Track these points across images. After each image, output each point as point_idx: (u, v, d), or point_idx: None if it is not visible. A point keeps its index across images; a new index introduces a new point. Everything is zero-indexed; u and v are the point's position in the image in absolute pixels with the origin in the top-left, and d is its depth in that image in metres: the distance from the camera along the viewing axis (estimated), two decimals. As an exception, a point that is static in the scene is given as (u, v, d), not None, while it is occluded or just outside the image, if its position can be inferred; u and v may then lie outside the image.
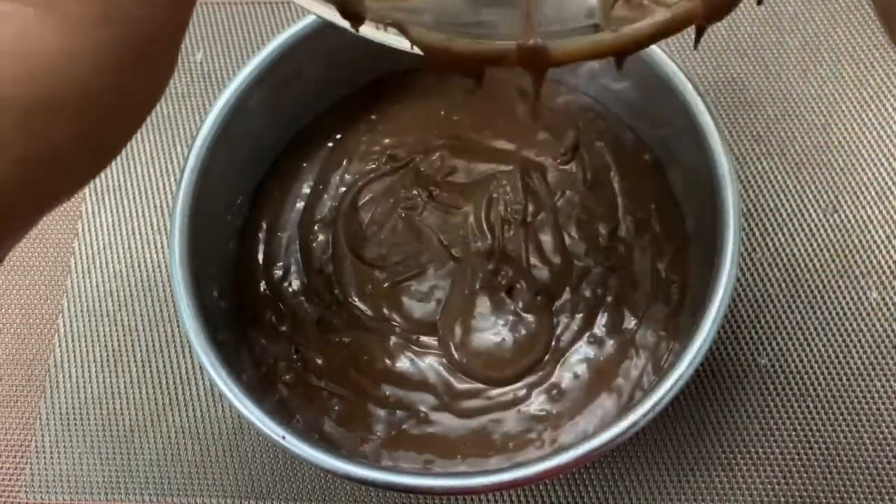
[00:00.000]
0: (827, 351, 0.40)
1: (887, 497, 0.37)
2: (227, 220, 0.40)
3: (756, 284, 0.41)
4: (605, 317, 0.38)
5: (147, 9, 0.18)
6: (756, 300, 0.41)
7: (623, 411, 0.32)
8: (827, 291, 0.41)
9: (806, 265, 0.41)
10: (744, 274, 0.41)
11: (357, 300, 0.39)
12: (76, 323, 0.44)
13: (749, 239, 0.42)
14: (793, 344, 0.40)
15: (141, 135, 0.48)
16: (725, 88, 0.45)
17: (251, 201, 0.42)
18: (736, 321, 0.41)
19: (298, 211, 0.42)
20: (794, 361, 0.40)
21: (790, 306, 0.41)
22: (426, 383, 0.37)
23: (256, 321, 0.39)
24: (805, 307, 0.41)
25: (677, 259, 0.38)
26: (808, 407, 0.39)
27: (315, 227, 0.41)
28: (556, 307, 0.38)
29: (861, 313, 0.40)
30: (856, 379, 0.39)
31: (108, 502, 0.40)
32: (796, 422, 0.39)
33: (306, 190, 0.42)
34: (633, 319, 0.38)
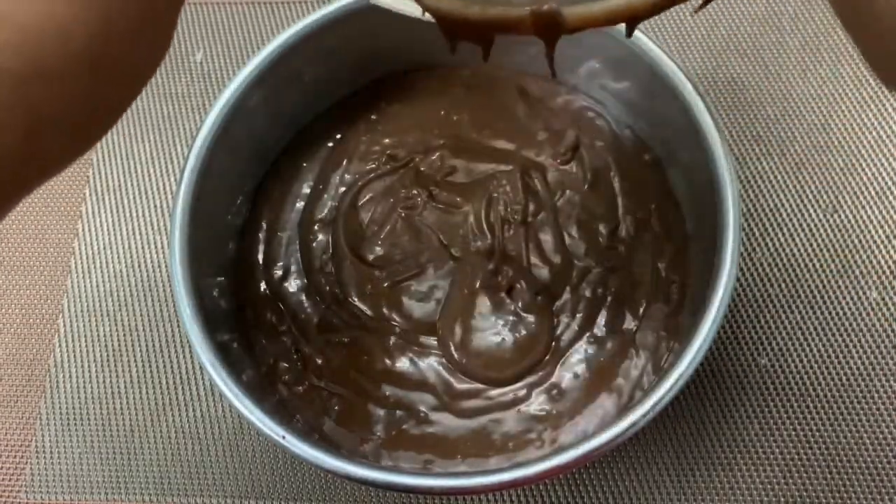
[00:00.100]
0: (827, 351, 0.40)
1: (887, 497, 0.37)
2: (227, 220, 0.40)
3: (756, 284, 0.41)
4: (605, 317, 0.38)
5: None
6: (756, 300, 0.41)
7: (623, 411, 0.32)
8: (827, 291, 0.41)
9: (806, 265, 0.41)
10: (744, 274, 0.41)
11: (357, 300, 0.39)
12: (76, 323, 0.44)
13: (749, 239, 0.42)
14: (793, 344, 0.40)
15: (141, 135, 0.48)
16: (725, 88, 0.45)
17: (251, 201, 0.42)
18: (736, 321, 0.41)
19: (298, 211, 0.42)
20: (794, 361, 0.40)
21: (790, 306, 0.41)
22: (426, 383, 0.37)
23: (256, 321, 0.39)
24: (805, 307, 0.41)
25: (677, 259, 0.38)
26: (808, 407, 0.39)
27: (315, 227, 0.41)
28: (557, 307, 0.38)
29: (861, 313, 0.40)
30: (856, 379, 0.39)
31: (108, 502, 0.40)
32: (796, 422, 0.39)
33: (306, 190, 0.42)
34: (633, 319, 0.38)
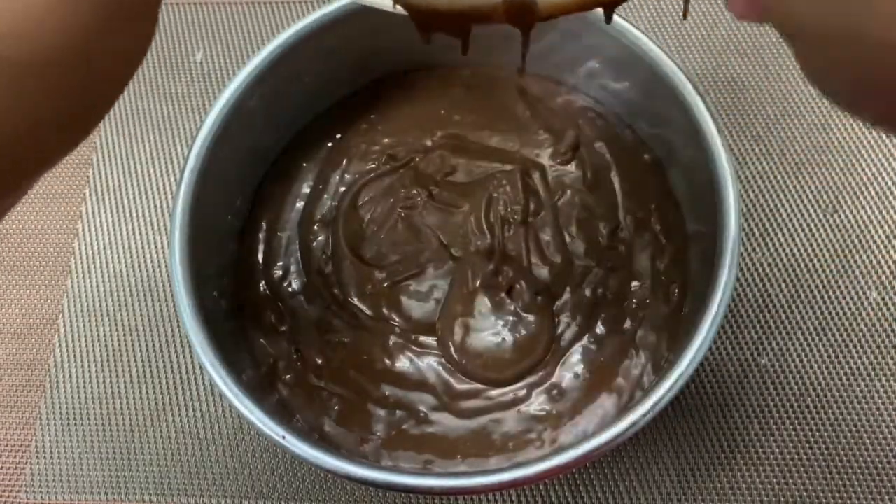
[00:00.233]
0: (827, 351, 0.40)
1: (887, 497, 0.37)
2: (227, 220, 0.40)
3: (756, 284, 0.41)
4: (605, 317, 0.38)
5: None
6: (756, 300, 0.41)
7: (623, 411, 0.32)
8: (827, 291, 0.41)
9: (806, 265, 0.41)
10: (744, 274, 0.41)
11: (357, 300, 0.39)
12: (76, 323, 0.44)
13: (749, 239, 0.42)
14: (793, 344, 0.40)
15: (141, 135, 0.48)
16: (725, 88, 0.45)
17: (251, 201, 0.42)
18: (736, 321, 0.41)
19: (298, 211, 0.42)
20: (794, 361, 0.40)
21: (790, 306, 0.41)
22: (426, 383, 0.37)
23: (256, 321, 0.39)
24: (805, 307, 0.41)
25: (677, 259, 0.38)
26: (808, 407, 0.39)
27: (315, 227, 0.41)
28: (557, 307, 0.38)
29: (861, 313, 0.40)
30: (856, 379, 0.39)
31: (108, 502, 0.40)
32: (796, 422, 0.39)
33: (306, 190, 0.42)
34: (634, 319, 0.38)
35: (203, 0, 0.50)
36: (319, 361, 0.38)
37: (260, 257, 0.41)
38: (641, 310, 0.38)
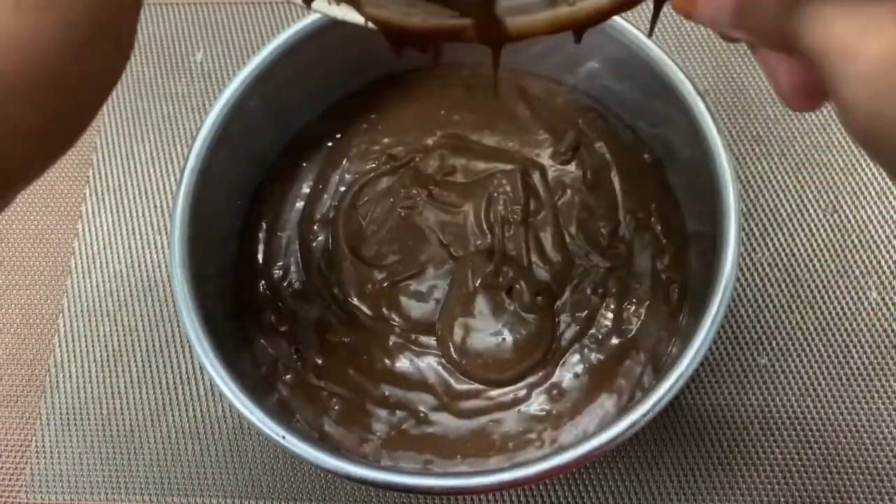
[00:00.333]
0: (827, 351, 0.40)
1: (887, 497, 0.37)
2: (227, 220, 0.40)
3: (756, 284, 0.41)
4: (606, 316, 0.38)
5: None
6: (756, 300, 0.41)
7: (623, 411, 0.32)
8: (827, 291, 0.41)
9: (806, 265, 0.41)
10: (744, 274, 0.41)
11: (356, 300, 0.39)
12: (76, 323, 0.44)
13: (749, 239, 0.42)
14: (793, 344, 0.40)
15: (141, 135, 0.48)
16: (725, 88, 0.45)
17: (251, 201, 0.42)
18: (736, 321, 0.41)
19: (298, 211, 0.42)
20: (794, 361, 0.40)
21: (790, 306, 0.41)
22: (426, 383, 0.37)
23: (256, 321, 0.39)
24: (805, 307, 0.41)
25: (677, 259, 0.38)
26: (808, 407, 0.39)
27: (315, 227, 0.41)
28: (557, 307, 0.38)
29: (861, 313, 0.40)
30: (856, 379, 0.39)
31: (108, 502, 0.40)
32: (796, 422, 0.39)
33: (306, 190, 0.42)
34: (634, 319, 0.38)
35: (203, 0, 0.50)
36: (319, 361, 0.38)
37: (260, 257, 0.41)
38: (641, 310, 0.38)
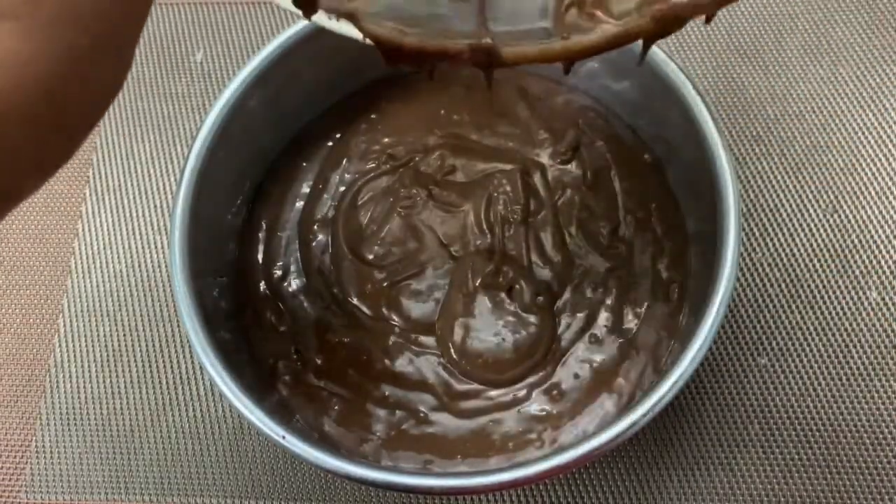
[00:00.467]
0: (827, 351, 0.40)
1: (887, 497, 0.37)
2: (227, 220, 0.40)
3: (756, 284, 0.41)
4: (606, 317, 0.38)
5: (104, 7, 0.18)
6: (756, 300, 0.41)
7: (623, 411, 0.32)
8: (827, 291, 0.41)
9: (806, 265, 0.41)
10: (744, 274, 0.41)
11: (356, 300, 0.39)
12: (76, 323, 0.44)
13: (749, 239, 0.42)
14: (793, 344, 0.40)
15: (141, 135, 0.48)
16: (725, 88, 0.45)
17: (251, 201, 0.42)
18: (736, 321, 0.41)
19: (298, 210, 0.42)
20: (794, 361, 0.40)
21: (790, 306, 0.41)
22: (425, 383, 0.37)
23: (256, 321, 0.39)
24: (805, 307, 0.41)
25: (677, 259, 0.38)
26: (808, 407, 0.39)
27: (315, 227, 0.41)
28: (557, 307, 0.38)
29: (861, 313, 0.40)
30: (856, 379, 0.39)
31: (108, 502, 0.40)
32: (796, 422, 0.39)
33: (306, 189, 0.42)
34: (634, 319, 0.38)
35: (203, 0, 0.50)
36: (319, 361, 0.38)
37: (260, 257, 0.41)
38: (641, 310, 0.38)
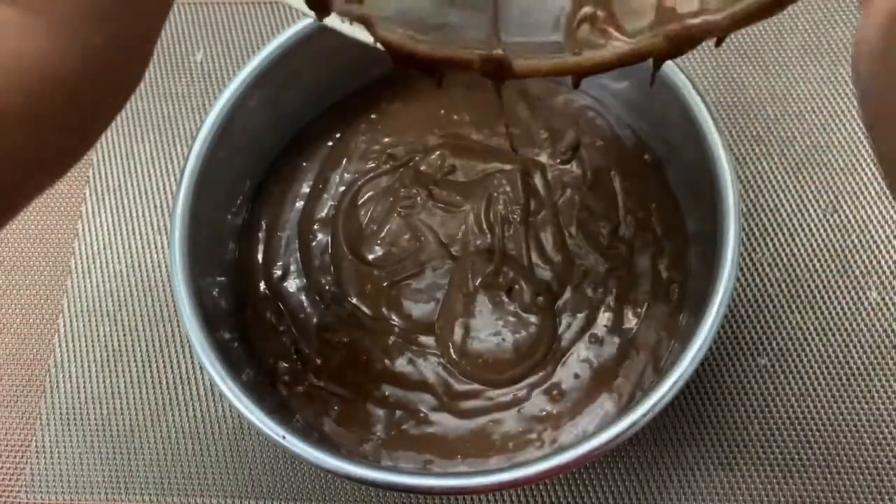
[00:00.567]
0: (827, 351, 0.40)
1: (887, 497, 0.37)
2: (227, 220, 0.40)
3: (756, 284, 0.41)
4: (606, 316, 0.38)
5: (126, 6, 0.19)
6: (756, 300, 0.41)
7: (623, 411, 0.32)
8: (827, 291, 0.41)
9: (806, 265, 0.41)
10: (744, 274, 0.41)
11: (356, 300, 0.39)
12: (76, 323, 0.44)
13: (749, 239, 0.42)
14: (793, 344, 0.40)
15: (141, 135, 0.48)
16: (725, 88, 0.45)
17: (251, 201, 0.42)
18: (736, 321, 0.41)
19: (298, 210, 0.42)
20: (794, 361, 0.40)
21: (790, 306, 0.41)
22: (425, 383, 0.37)
23: (256, 321, 0.39)
24: (805, 307, 0.41)
25: (677, 259, 0.38)
26: (808, 407, 0.39)
27: (314, 227, 0.41)
28: (557, 307, 0.38)
29: (861, 313, 0.40)
30: (856, 379, 0.39)
31: (108, 502, 0.40)
32: (796, 422, 0.39)
33: (306, 189, 0.42)
34: (634, 319, 0.38)
35: (203, 0, 0.50)
36: (319, 361, 0.38)
37: (260, 257, 0.41)
38: (641, 310, 0.38)
